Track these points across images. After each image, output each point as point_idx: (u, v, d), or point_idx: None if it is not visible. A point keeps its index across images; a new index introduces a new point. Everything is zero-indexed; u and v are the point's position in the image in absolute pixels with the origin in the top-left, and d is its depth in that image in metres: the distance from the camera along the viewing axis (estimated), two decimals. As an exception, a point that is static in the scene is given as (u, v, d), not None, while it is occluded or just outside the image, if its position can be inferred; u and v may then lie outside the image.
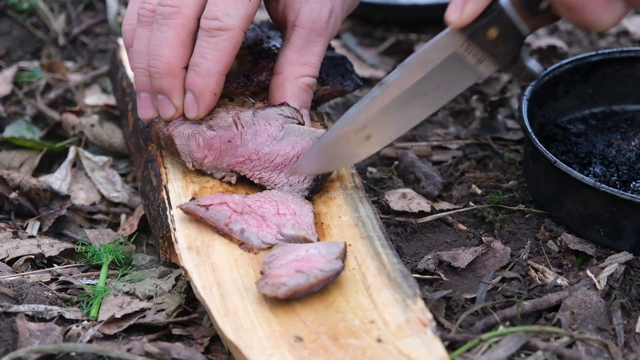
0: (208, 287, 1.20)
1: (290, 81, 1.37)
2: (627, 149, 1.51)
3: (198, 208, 1.28)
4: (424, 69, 1.28)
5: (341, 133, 1.31)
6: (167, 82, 1.31)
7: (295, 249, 1.23)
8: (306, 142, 1.35)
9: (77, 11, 2.16)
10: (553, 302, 1.29)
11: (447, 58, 1.27)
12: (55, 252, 1.44)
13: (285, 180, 1.36)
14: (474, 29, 1.24)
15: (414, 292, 1.19)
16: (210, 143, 1.34)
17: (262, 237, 1.27)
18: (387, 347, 1.12)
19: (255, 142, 1.35)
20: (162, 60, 1.30)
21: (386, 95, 1.30)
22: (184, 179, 1.38)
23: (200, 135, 1.33)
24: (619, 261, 1.36)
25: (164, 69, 1.30)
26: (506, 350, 1.18)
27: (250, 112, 1.34)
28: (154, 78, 1.32)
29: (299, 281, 1.15)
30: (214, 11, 1.29)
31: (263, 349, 1.12)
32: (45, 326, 1.24)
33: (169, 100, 1.33)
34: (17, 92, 1.91)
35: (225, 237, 1.27)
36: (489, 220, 1.47)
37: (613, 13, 1.18)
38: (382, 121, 1.31)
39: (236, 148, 1.35)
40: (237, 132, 1.34)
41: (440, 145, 1.70)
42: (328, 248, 1.22)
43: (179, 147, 1.35)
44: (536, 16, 1.23)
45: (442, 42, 1.27)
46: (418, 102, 1.31)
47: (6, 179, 1.54)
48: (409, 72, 1.29)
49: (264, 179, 1.36)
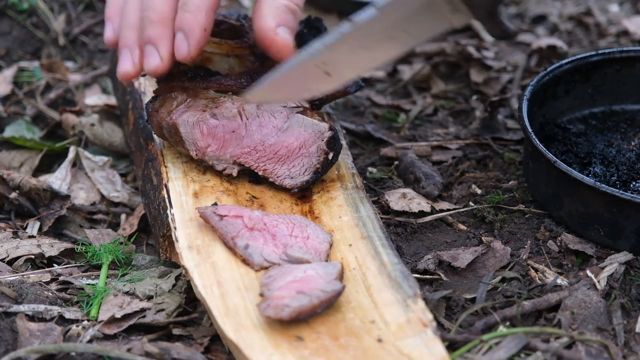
0: (208, 286, 1.20)
1: (269, 2, 1.33)
2: (627, 149, 1.51)
3: (213, 216, 1.28)
4: (397, 12, 1.24)
5: (301, 65, 1.27)
6: (158, 30, 1.31)
7: (292, 270, 1.21)
8: (309, 135, 1.36)
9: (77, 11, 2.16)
10: (553, 302, 1.29)
11: (422, 4, 1.23)
12: (55, 252, 1.44)
13: (288, 172, 1.37)
14: None
15: (414, 292, 1.19)
16: (214, 132, 1.35)
17: (266, 255, 1.26)
18: (388, 347, 1.12)
19: (261, 133, 1.36)
20: (155, 9, 1.31)
21: (354, 34, 1.26)
22: (184, 177, 1.38)
23: (204, 123, 1.34)
24: (619, 261, 1.36)
25: (156, 17, 1.31)
26: (506, 352, 1.18)
27: (254, 105, 1.35)
28: (146, 28, 1.32)
29: (302, 302, 1.14)
30: None
31: (263, 348, 1.12)
32: (45, 326, 1.24)
33: (156, 50, 1.32)
34: (17, 92, 1.91)
35: (230, 251, 1.27)
36: (489, 220, 1.47)
37: None
38: (345, 59, 1.27)
39: (241, 139, 1.35)
40: (241, 123, 1.35)
41: (440, 145, 1.70)
42: (325, 269, 1.21)
43: (183, 135, 1.35)
44: None
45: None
46: (385, 45, 1.27)
47: (6, 179, 1.54)
48: (381, 14, 1.24)
49: (268, 170, 1.37)
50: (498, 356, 1.18)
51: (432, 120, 1.81)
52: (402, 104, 1.86)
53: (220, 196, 1.35)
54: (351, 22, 1.25)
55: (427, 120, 1.82)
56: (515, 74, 1.93)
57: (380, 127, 1.77)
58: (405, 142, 1.71)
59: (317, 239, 1.28)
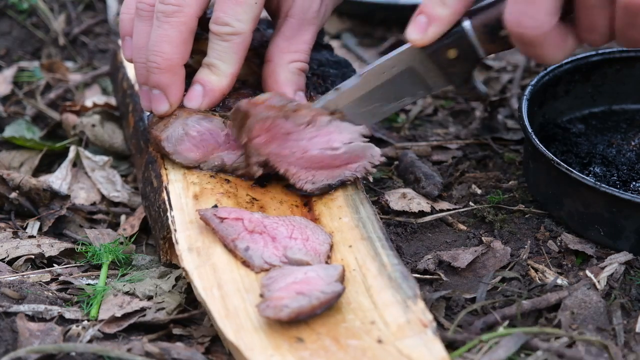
0: (209, 288, 1.20)
1: (282, 67, 1.39)
2: (627, 149, 1.51)
3: (213, 218, 1.28)
4: (380, 78, 1.34)
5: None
6: (166, 78, 1.33)
7: (293, 271, 1.21)
8: (358, 156, 1.37)
9: (77, 11, 2.16)
10: (552, 302, 1.29)
11: (403, 71, 1.33)
12: (55, 252, 1.44)
13: (311, 178, 1.37)
14: (434, 48, 1.30)
15: (414, 293, 1.19)
16: (271, 127, 1.33)
17: (266, 257, 1.26)
18: (388, 347, 1.12)
19: (310, 142, 1.35)
20: (163, 57, 1.32)
21: (339, 101, 1.36)
22: (184, 180, 1.38)
23: (272, 120, 1.32)
24: (619, 261, 1.36)
25: (164, 64, 1.33)
26: (506, 351, 1.18)
27: (328, 118, 1.35)
28: (153, 73, 1.33)
29: (302, 303, 1.14)
30: (223, 17, 1.32)
31: (264, 350, 1.11)
32: (45, 326, 1.24)
33: (165, 96, 1.35)
34: (17, 92, 1.91)
35: (231, 253, 1.27)
36: (489, 220, 1.47)
37: (565, 50, 1.24)
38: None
39: (287, 140, 1.34)
40: (300, 129, 1.34)
41: (440, 145, 1.70)
42: (326, 271, 1.21)
43: (248, 124, 1.32)
44: (494, 42, 1.28)
45: (401, 56, 1.32)
46: (368, 110, 1.37)
47: (6, 179, 1.54)
48: (364, 81, 1.35)
49: (290, 172, 1.37)
50: (497, 356, 1.18)
51: (432, 120, 1.81)
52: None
53: (221, 198, 1.35)
54: (337, 90, 1.36)
55: (427, 120, 1.82)
56: (515, 74, 1.93)
57: (380, 127, 1.77)
58: (405, 142, 1.71)
59: (317, 240, 1.28)
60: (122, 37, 1.42)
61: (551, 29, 1.19)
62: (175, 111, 1.36)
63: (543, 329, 1.23)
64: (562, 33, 1.22)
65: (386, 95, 1.36)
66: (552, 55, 1.23)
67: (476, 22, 1.27)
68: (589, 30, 1.22)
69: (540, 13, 1.18)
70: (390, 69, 1.33)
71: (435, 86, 1.35)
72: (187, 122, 1.35)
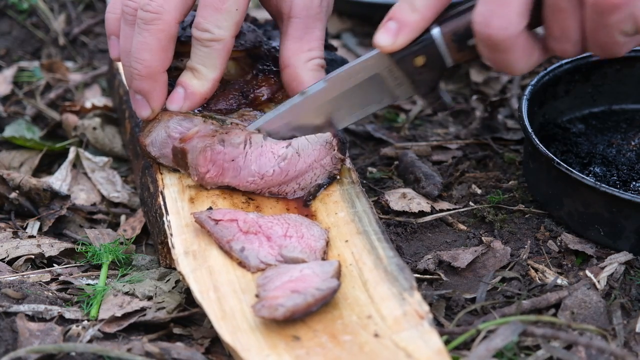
0: (205, 291, 1.20)
1: (301, 68, 1.38)
2: (627, 149, 1.51)
3: (208, 221, 1.28)
4: (345, 84, 1.33)
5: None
6: (146, 85, 1.34)
7: (289, 269, 1.21)
8: (318, 150, 1.36)
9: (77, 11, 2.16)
10: (552, 301, 1.29)
11: (369, 78, 1.32)
12: (55, 252, 1.44)
13: (297, 187, 1.37)
14: (402, 55, 1.29)
15: (410, 285, 1.19)
16: (215, 158, 1.34)
17: (262, 257, 1.26)
18: (384, 341, 1.12)
19: (258, 164, 1.34)
20: (144, 64, 1.33)
21: (304, 104, 1.35)
22: (180, 183, 1.38)
23: (211, 148, 1.33)
24: (619, 261, 1.36)
25: (145, 72, 1.33)
26: (503, 340, 1.18)
27: (261, 135, 1.34)
28: (134, 79, 1.34)
29: (296, 301, 1.14)
30: (203, 23, 1.32)
31: (260, 350, 1.12)
32: (45, 326, 1.24)
33: (147, 101, 1.36)
34: (17, 92, 1.91)
35: (226, 255, 1.27)
36: (489, 220, 1.47)
37: (531, 60, 1.23)
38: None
39: (239, 169, 1.34)
40: (242, 152, 1.34)
41: (440, 145, 1.70)
42: (322, 267, 1.21)
43: (189, 161, 1.34)
44: (463, 51, 1.28)
45: (368, 62, 1.32)
46: (334, 115, 1.36)
47: (6, 179, 1.54)
48: (331, 86, 1.34)
49: (274, 192, 1.37)
50: (495, 344, 1.17)
51: (432, 120, 1.81)
52: (402, 103, 1.86)
53: (216, 200, 1.35)
54: (303, 94, 1.35)
55: (427, 120, 1.82)
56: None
57: (380, 127, 1.77)
58: (405, 142, 1.71)
59: (312, 237, 1.28)
60: (108, 37, 1.42)
61: (519, 33, 1.18)
62: (158, 115, 1.37)
63: (540, 317, 1.23)
64: (530, 41, 1.21)
65: (352, 101, 1.35)
66: (517, 63, 1.22)
67: (445, 30, 1.26)
68: (559, 37, 1.20)
69: (509, 13, 1.17)
70: (356, 75, 1.32)
71: (401, 94, 1.34)
72: (168, 124, 1.36)
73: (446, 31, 1.26)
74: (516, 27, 1.18)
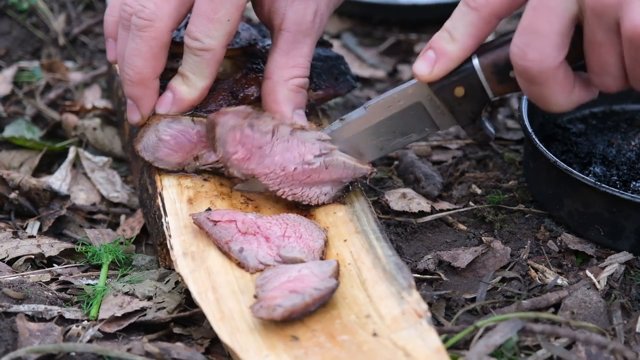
0: (203, 292, 1.20)
1: (281, 85, 1.38)
2: (627, 149, 1.51)
3: (206, 222, 1.28)
4: (386, 112, 1.33)
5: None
6: (137, 91, 1.35)
7: (287, 270, 1.21)
8: (348, 173, 1.36)
9: (77, 11, 2.16)
10: (552, 301, 1.29)
11: (410, 106, 1.31)
12: (55, 252, 1.44)
13: (319, 192, 1.36)
14: (442, 84, 1.28)
15: (408, 284, 1.19)
16: (245, 141, 1.31)
17: (260, 257, 1.26)
18: (383, 340, 1.12)
19: (283, 157, 1.33)
20: (135, 70, 1.33)
21: (344, 132, 1.35)
22: (178, 184, 1.38)
23: (240, 130, 1.31)
24: (619, 261, 1.36)
25: (136, 78, 1.34)
26: (502, 336, 1.17)
27: (289, 129, 1.33)
28: (126, 85, 1.35)
29: (295, 301, 1.14)
30: (194, 32, 1.32)
31: (259, 351, 1.12)
32: (45, 326, 1.24)
33: (137, 107, 1.37)
34: (17, 92, 1.91)
35: (225, 255, 1.27)
36: (489, 220, 1.47)
37: (571, 96, 1.20)
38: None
39: (264, 157, 1.33)
40: (269, 141, 1.32)
41: (440, 145, 1.70)
42: (320, 267, 1.21)
43: (217, 134, 1.31)
44: (503, 83, 1.26)
45: (409, 90, 1.31)
46: (373, 143, 1.35)
47: (6, 179, 1.54)
48: (371, 113, 1.33)
49: (297, 194, 1.36)
50: (494, 341, 1.17)
51: (432, 120, 1.81)
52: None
53: (215, 200, 1.35)
54: (342, 120, 1.34)
55: (427, 120, 1.82)
56: (515, 74, 1.93)
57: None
58: (405, 142, 1.71)
59: (310, 237, 1.28)
60: (106, 39, 1.43)
61: (557, 66, 1.16)
62: (148, 119, 1.37)
63: (539, 314, 1.23)
64: (569, 76, 1.18)
65: (392, 129, 1.34)
66: (556, 98, 1.19)
67: (485, 61, 1.24)
68: (599, 72, 1.17)
69: (545, 46, 1.15)
70: (396, 103, 1.32)
71: (442, 124, 1.33)
72: (157, 127, 1.36)
73: (486, 62, 1.24)
74: (553, 60, 1.15)
